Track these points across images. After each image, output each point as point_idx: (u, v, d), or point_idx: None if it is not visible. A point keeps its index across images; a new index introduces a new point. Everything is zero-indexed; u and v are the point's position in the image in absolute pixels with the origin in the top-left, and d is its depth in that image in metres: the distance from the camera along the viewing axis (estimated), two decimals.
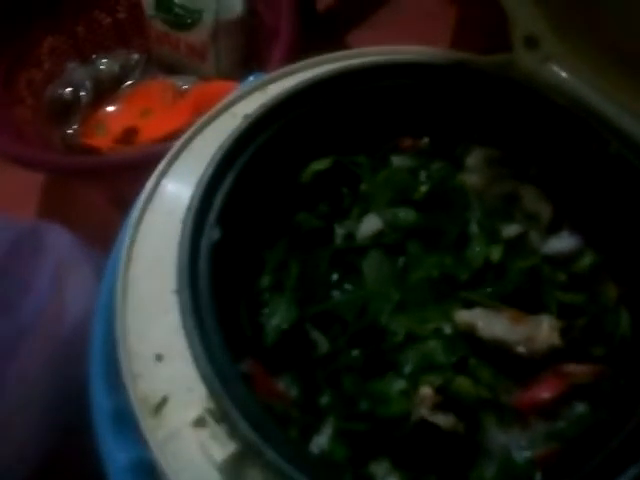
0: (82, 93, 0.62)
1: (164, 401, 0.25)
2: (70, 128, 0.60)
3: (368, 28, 0.69)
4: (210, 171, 0.30)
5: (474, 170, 0.34)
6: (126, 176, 0.49)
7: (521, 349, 0.29)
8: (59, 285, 0.39)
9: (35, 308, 0.36)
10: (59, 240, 0.44)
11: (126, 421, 0.29)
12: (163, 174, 0.32)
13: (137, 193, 0.33)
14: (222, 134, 0.32)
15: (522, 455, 0.28)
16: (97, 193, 0.60)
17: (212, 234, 0.28)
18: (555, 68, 0.33)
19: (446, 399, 0.27)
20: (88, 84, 0.63)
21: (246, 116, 0.33)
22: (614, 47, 0.31)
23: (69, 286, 0.40)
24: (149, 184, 0.31)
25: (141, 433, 0.25)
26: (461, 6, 0.52)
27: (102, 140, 0.57)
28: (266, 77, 0.35)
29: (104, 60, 0.65)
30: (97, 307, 0.32)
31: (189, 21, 0.59)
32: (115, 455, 0.29)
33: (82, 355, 0.33)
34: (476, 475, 0.27)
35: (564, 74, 0.33)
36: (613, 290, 0.31)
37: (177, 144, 0.33)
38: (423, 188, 0.33)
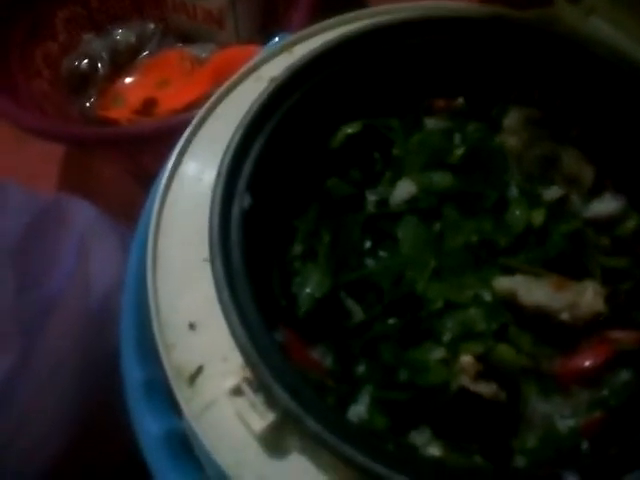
0: (99, 65, 0.61)
1: (199, 370, 0.25)
2: (88, 100, 0.59)
3: None
4: (238, 137, 0.28)
5: (512, 131, 0.33)
6: (146, 148, 0.49)
7: (564, 316, 0.28)
8: (84, 258, 0.39)
9: (61, 281, 0.36)
10: (82, 213, 0.43)
11: (158, 392, 0.29)
12: (189, 141, 0.31)
13: (158, 165, 0.32)
14: (248, 98, 0.31)
15: (565, 424, 0.27)
16: (117, 166, 0.59)
17: (243, 201, 0.27)
18: (599, 21, 0.31)
19: (487, 367, 0.26)
20: (105, 55, 0.61)
21: (273, 79, 0.31)
22: None
23: (95, 258, 0.40)
24: (175, 151, 0.30)
25: (177, 403, 0.25)
26: None
27: (120, 112, 0.56)
28: (292, 37, 0.34)
29: (120, 31, 0.63)
30: (126, 278, 0.32)
31: None
32: (148, 426, 0.28)
33: (111, 327, 0.33)
34: (519, 444, 0.26)
35: (608, 27, 0.31)
36: None
37: (202, 110, 0.32)
38: (459, 151, 0.32)
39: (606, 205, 0.31)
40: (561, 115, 0.33)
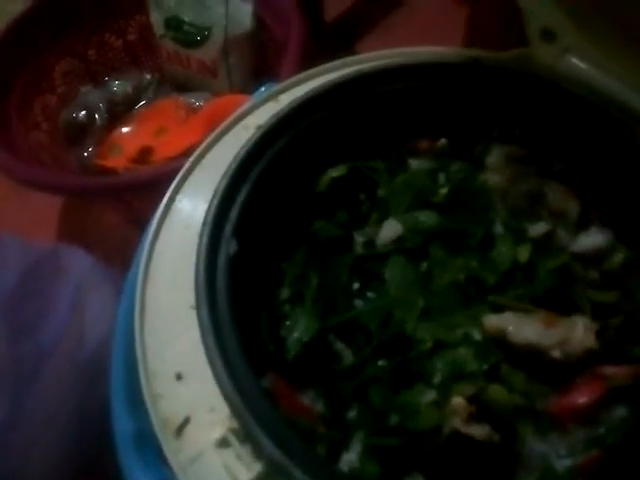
0: (96, 115, 0.63)
1: (186, 422, 0.25)
2: (86, 150, 0.61)
3: (378, 35, 0.68)
4: (225, 183, 0.29)
5: (495, 169, 0.33)
6: (142, 195, 0.49)
7: (555, 353, 0.28)
8: (79, 307, 0.39)
9: (55, 330, 0.36)
10: (79, 262, 0.44)
11: (148, 443, 0.29)
12: (177, 190, 0.31)
13: (154, 212, 0.32)
14: (235, 147, 0.31)
15: (562, 464, 0.26)
16: (115, 214, 0.60)
17: (229, 247, 0.28)
18: (574, 60, 0.32)
19: (479, 409, 0.26)
20: (102, 106, 0.63)
21: (259, 127, 0.32)
22: (632, 33, 0.29)
23: (90, 308, 0.40)
24: (164, 200, 0.31)
25: (164, 455, 0.24)
26: (471, 5, 0.51)
27: (117, 160, 0.57)
28: (277, 87, 0.35)
29: (117, 82, 0.65)
30: (117, 327, 0.32)
31: (199, 38, 0.59)
32: (138, 478, 0.28)
33: (104, 376, 0.33)
34: None
35: (584, 65, 0.32)
36: None
37: (190, 159, 0.33)
38: (443, 190, 0.32)
39: (593, 239, 0.31)
40: (544, 151, 0.33)
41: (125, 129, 0.61)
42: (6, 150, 0.51)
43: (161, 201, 0.32)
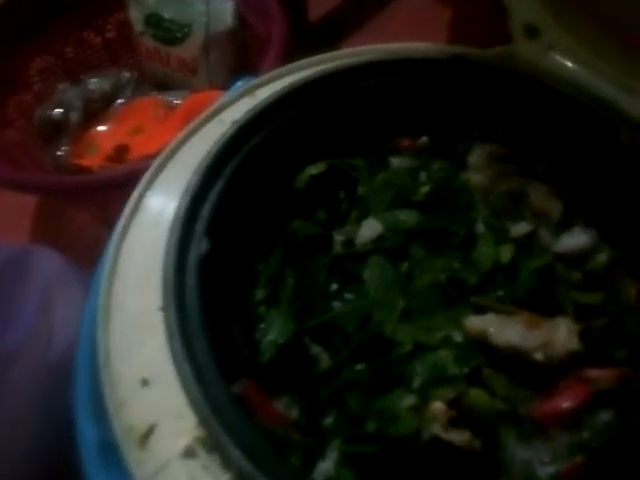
0: (72, 113, 0.61)
1: (151, 430, 0.23)
2: (61, 149, 0.59)
3: (362, 35, 0.68)
4: (197, 179, 0.28)
5: (477, 168, 0.32)
6: (116, 194, 0.48)
7: (538, 356, 0.27)
8: (48, 308, 0.38)
9: (23, 332, 0.34)
10: (49, 263, 0.42)
11: (114, 452, 0.27)
12: (148, 186, 0.30)
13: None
14: (209, 142, 0.30)
15: (546, 471, 0.26)
16: (89, 214, 0.58)
17: (200, 246, 0.26)
18: (558, 57, 0.31)
19: (460, 414, 0.25)
20: (78, 104, 0.61)
21: (234, 122, 0.31)
22: (616, 29, 0.29)
23: (59, 309, 0.39)
24: (133, 197, 0.30)
25: (127, 466, 0.23)
26: (454, 4, 0.50)
27: (93, 160, 0.56)
28: (255, 81, 0.34)
29: (94, 80, 0.63)
30: (82, 330, 0.30)
31: (179, 35, 0.58)
32: None
33: (71, 378, 0.31)
34: None
35: (567, 62, 0.31)
36: (632, 287, 0.29)
37: (162, 155, 0.31)
38: (424, 189, 0.31)
39: (576, 239, 0.30)
40: (526, 150, 0.32)
41: (102, 127, 0.60)
42: None
43: (129, 198, 0.30)
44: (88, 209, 0.57)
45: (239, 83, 0.36)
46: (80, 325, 0.36)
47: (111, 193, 0.48)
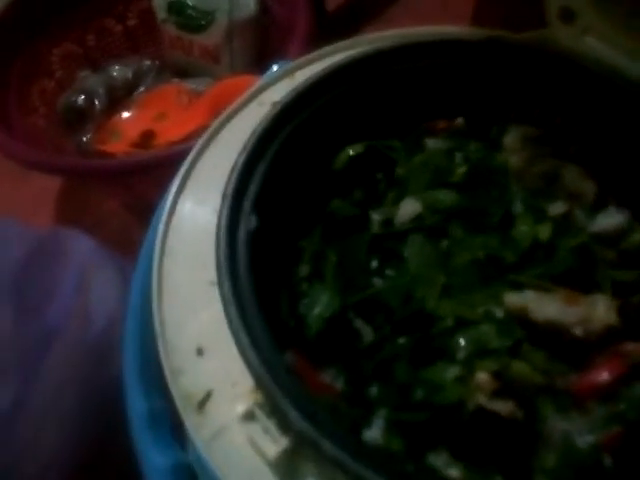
0: (95, 100, 0.61)
1: (208, 396, 0.24)
2: (84, 136, 0.59)
3: (381, 23, 0.68)
4: (242, 159, 0.29)
5: (512, 150, 0.33)
6: (145, 178, 0.48)
7: (577, 331, 0.27)
8: (83, 289, 0.38)
9: (62, 311, 0.35)
10: (80, 245, 0.43)
11: (163, 424, 0.28)
12: (192, 166, 0.31)
13: (157, 196, 0.32)
14: (251, 123, 0.31)
15: (585, 441, 0.26)
16: (114, 200, 0.59)
17: (249, 222, 0.27)
18: (593, 40, 0.32)
19: (503, 385, 0.26)
20: (101, 91, 0.62)
21: (275, 103, 0.31)
22: None
23: (94, 290, 0.39)
24: (179, 176, 0.30)
25: (184, 432, 0.24)
26: None
27: (118, 146, 0.56)
28: (293, 64, 0.34)
29: (116, 67, 0.64)
30: (129, 307, 0.31)
31: (202, 23, 0.58)
32: (153, 459, 0.27)
33: (111, 357, 0.32)
34: (539, 463, 0.26)
35: (603, 46, 0.31)
36: None
37: (204, 136, 0.32)
38: (461, 170, 0.32)
39: (610, 219, 0.31)
40: (560, 132, 0.33)
41: (125, 114, 0.60)
42: (3, 133, 0.50)
43: (170, 181, 0.31)
44: (114, 194, 0.57)
45: (275, 67, 0.37)
46: (118, 304, 0.37)
47: (140, 177, 0.49)
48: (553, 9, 0.32)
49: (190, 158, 0.31)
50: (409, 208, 0.31)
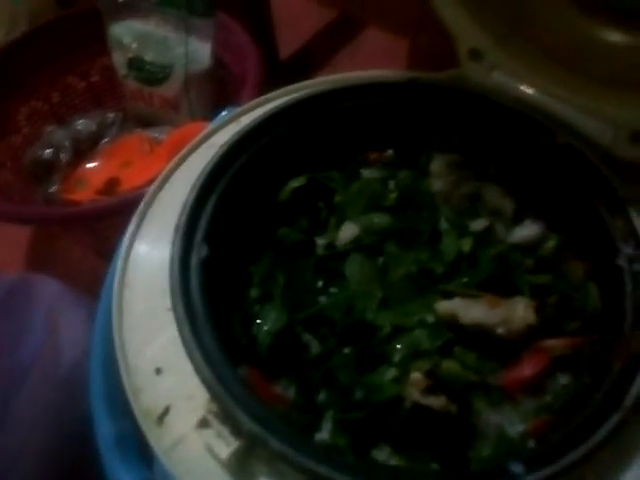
0: (61, 153, 0.64)
1: (167, 410, 0.26)
2: (51, 187, 0.62)
3: (329, 69, 0.73)
4: (194, 194, 0.32)
5: (438, 175, 0.37)
6: (110, 223, 0.51)
7: (501, 330, 0.31)
8: (53, 329, 0.40)
9: (33, 349, 0.37)
10: (49, 289, 0.45)
11: (129, 445, 0.30)
12: (149, 205, 0.34)
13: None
14: (201, 163, 0.34)
15: (515, 430, 0.29)
16: (82, 246, 0.61)
17: (201, 251, 0.30)
18: (500, 75, 0.36)
19: (436, 383, 0.29)
20: (67, 144, 0.65)
21: (223, 144, 0.35)
22: (550, 49, 0.34)
23: (62, 330, 0.41)
24: (136, 214, 0.33)
25: (148, 444, 0.26)
26: (411, 38, 0.56)
27: (83, 194, 0.59)
28: (239, 109, 0.38)
29: (81, 121, 0.67)
30: (94, 338, 0.33)
31: (161, 76, 0.62)
32: (121, 478, 0.29)
33: (80, 393, 0.34)
34: (475, 454, 0.28)
35: (509, 79, 0.36)
36: (579, 268, 0.33)
37: (159, 177, 0.35)
38: (393, 195, 0.36)
39: (527, 230, 0.35)
40: (479, 157, 0.37)
41: (90, 164, 0.63)
42: None
43: (132, 216, 0.34)
44: (82, 240, 0.60)
45: (224, 113, 0.40)
46: (87, 343, 0.39)
47: (105, 223, 0.51)
48: (463, 50, 0.36)
49: (146, 198, 0.34)
50: (348, 231, 0.34)
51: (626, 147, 0.33)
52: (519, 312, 0.31)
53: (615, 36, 0.32)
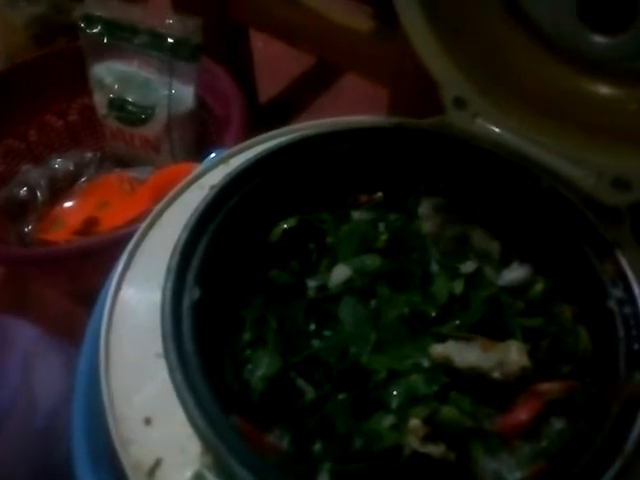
0: (37, 192, 0.63)
1: (157, 464, 0.25)
2: (26, 226, 0.60)
3: (309, 113, 0.75)
4: (185, 236, 0.31)
5: (426, 218, 0.37)
6: (86, 265, 0.50)
7: (495, 374, 0.31)
8: (29, 373, 0.39)
9: (7, 397, 0.35)
10: (23, 333, 0.43)
11: None
12: (138, 245, 0.33)
13: (101, 280, 0.33)
14: (191, 204, 0.34)
15: (513, 477, 0.29)
16: (55, 288, 0.59)
17: (192, 294, 0.29)
18: (484, 122, 0.37)
19: (435, 430, 0.28)
20: (43, 183, 0.64)
21: (213, 186, 0.35)
22: (533, 98, 0.36)
23: (38, 374, 0.39)
24: (125, 252, 0.32)
25: None
26: (391, 85, 0.58)
27: (59, 234, 0.58)
28: (228, 151, 0.38)
29: (58, 160, 0.66)
30: (76, 386, 0.32)
31: (143, 117, 0.62)
32: None
33: (59, 438, 0.32)
34: None
35: (492, 126, 0.37)
36: (567, 310, 0.34)
37: (149, 216, 0.35)
38: (383, 237, 0.36)
39: (515, 273, 0.35)
40: (465, 200, 0.38)
41: (67, 204, 0.62)
42: None
43: (115, 264, 0.33)
44: (56, 283, 0.58)
45: (212, 154, 0.40)
46: (64, 390, 0.37)
47: (80, 264, 0.50)
48: (447, 98, 0.38)
49: (135, 238, 0.33)
50: (340, 273, 0.34)
51: (608, 193, 0.34)
52: (513, 355, 0.31)
53: (597, 87, 0.34)
